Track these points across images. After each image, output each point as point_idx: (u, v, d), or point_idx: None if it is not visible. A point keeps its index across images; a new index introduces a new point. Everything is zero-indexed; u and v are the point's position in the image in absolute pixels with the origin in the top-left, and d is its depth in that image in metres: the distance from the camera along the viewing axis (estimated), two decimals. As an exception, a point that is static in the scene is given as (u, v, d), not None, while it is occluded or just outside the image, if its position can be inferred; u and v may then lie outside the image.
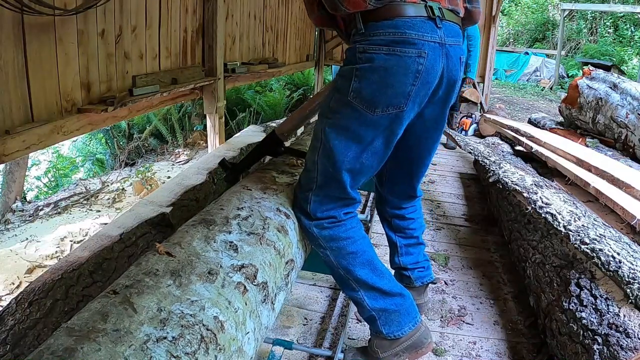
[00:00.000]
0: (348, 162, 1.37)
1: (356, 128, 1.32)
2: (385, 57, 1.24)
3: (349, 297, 1.56)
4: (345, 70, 1.30)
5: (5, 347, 1.36)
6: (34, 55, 1.91)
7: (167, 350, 0.76)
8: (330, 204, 1.45)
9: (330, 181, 1.40)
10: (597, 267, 1.65)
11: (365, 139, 1.33)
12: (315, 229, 1.45)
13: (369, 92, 1.27)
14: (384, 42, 1.25)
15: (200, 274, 0.97)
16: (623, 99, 4.43)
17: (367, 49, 1.26)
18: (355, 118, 1.31)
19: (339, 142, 1.34)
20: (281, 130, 1.66)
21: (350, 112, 1.30)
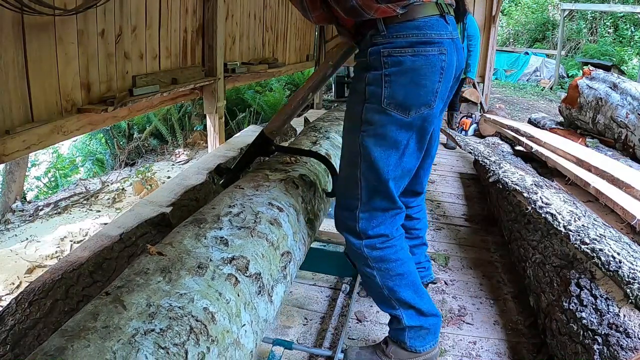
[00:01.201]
0: (392, 170, 1.36)
1: (394, 134, 1.31)
2: (412, 59, 1.25)
3: (384, 311, 1.57)
4: (373, 77, 1.28)
5: (5, 347, 1.36)
6: (34, 55, 1.91)
7: (154, 342, 0.78)
8: (379, 218, 1.43)
9: (377, 194, 1.39)
10: (597, 267, 1.65)
11: (403, 143, 1.33)
12: (366, 249, 1.44)
13: (402, 95, 1.27)
14: (408, 43, 1.25)
15: (189, 268, 0.97)
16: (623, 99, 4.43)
17: (393, 52, 1.25)
18: (391, 124, 1.30)
19: (381, 152, 1.33)
20: (270, 129, 1.65)
21: (385, 119, 1.29)
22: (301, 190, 1.54)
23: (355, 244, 1.46)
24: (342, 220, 1.48)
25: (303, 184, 1.57)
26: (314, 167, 1.72)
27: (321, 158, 1.71)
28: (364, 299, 2.06)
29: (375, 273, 1.47)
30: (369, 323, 1.90)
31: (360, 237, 1.44)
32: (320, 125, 2.37)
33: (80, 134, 2.34)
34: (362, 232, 1.43)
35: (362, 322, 1.90)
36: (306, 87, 1.62)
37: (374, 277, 1.48)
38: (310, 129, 2.29)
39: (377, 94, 1.28)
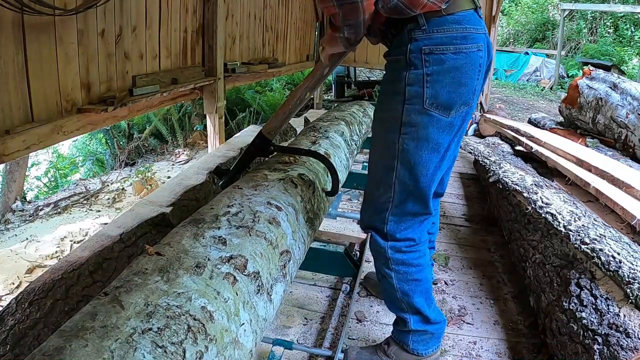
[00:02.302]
0: (431, 174, 1.33)
1: (436, 136, 1.28)
2: (454, 57, 1.21)
3: (391, 311, 1.58)
4: (414, 77, 1.23)
5: (5, 347, 1.36)
6: (34, 55, 1.91)
7: (152, 341, 0.78)
8: (408, 222, 1.42)
9: (410, 198, 1.37)
10: (597, 267, 1.65)
11: (444, 146, 1.31)
12: (390, 251, 1.44)
13: (445, 95, 1.23)
14: (449, 39, 1.21)
15: (187, 267, 0.98)
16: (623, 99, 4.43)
17: (434, 50, 1.21)
18: (432, 125, 1.26)
19: (421, 155, 1.30)
20: (267, 130, 1.65)
21: (428, 120, 1.25)
22: (300, 189, 1.54)
23: (380, 243, 1.44)
24: (369, 220, 1.46)
25: (302, 183, 1.57)
26: (313, 167, 1.72)
27: (320, 157, 1.71)
28: (364, 299, 2.06)
29: (393, 275, 1.46)
30: (369, 323, 1.90)
31: (387, 239, 1.43)
32: (320, 125, 2.37)
33: (80, 134, 2.34)
34: (390, 234, 1.42)
35: (362, 322, 1.90)
36: (303, 87, 1.61)
37: (390, 278, 1.47)
38: (310, 129, 2.29)
39: (419, 94, 1.23)
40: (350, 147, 2.41)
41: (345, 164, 2.17)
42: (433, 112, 1.24)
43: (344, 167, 2.15)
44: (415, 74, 1.23)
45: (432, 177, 1.34)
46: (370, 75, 10.12)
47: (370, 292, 2.10)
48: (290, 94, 1.65)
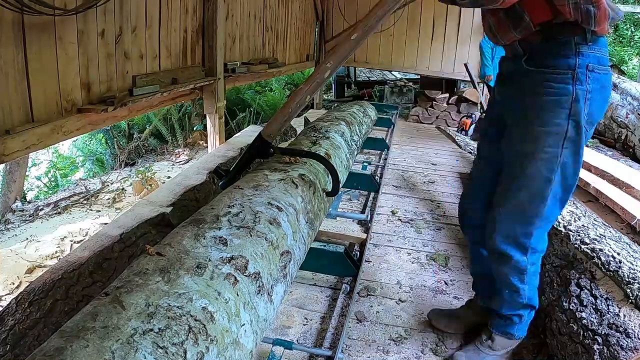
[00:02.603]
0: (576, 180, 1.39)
1: (583, 150, 1.33)
2: (605, 77, 1.28)
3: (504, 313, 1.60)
4: (581, 93, 1.26)
5: (5, 347, 1.36)
6: (34, 55, 1.91)
7: (153, 342, 0.78)
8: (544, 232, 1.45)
9: (555, 209, 1.40)
10: (597, 267, 1.65)
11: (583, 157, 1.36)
12: (530, 267, 1.46)
13: (596, 113, 1.30)
14: (602, 60, 1.27)
15: (188, 268, 0.97)
16: (623, 99, 4.43)
17: (595, 68, 1.25)
18: (584, 140, 1.32)
19: (576, 169, 1.35)
20: (267, 132, 1.64)
21: (583, 136, 1.30)
22: (301, 189, 1.54)
23: (519, 260, 1.45)
24: (512, 235, 1.43)
25: (302, 184, 1.57)
26: (313, 167, 1.72)
27: (320, 159, 1.71)
28: (364, 299, 2.06)
29: (526, 287, 1.50)
30: (369, 323, 1.90)
31: (526, 253, 1.44)
32: (320, 125, 2.37)
33: (80, 134, 2.34)
34: (532, 248, 1.44)
35: (362, 322, 1.90)
36: (304, 90, 1.61)
37: (522, 290, 1.50)
38: (310, 129, 2.29)
39: (581, 110, 1.27)
40: (351, 148, 2.41)
41: (345, 164, 2.17)
42: (587, 127, 1.30)
43: (344, 167, 2.15)
44: (581, 90, 1.26)
45: (574, 186, 1.40)
46: (370, 76, 10.11)
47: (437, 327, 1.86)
48: (290, 96, 1.65)
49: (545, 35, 1.27)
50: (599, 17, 1.19)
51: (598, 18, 1.19)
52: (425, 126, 6.29)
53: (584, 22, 1.20)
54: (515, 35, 1.32)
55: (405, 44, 6.53)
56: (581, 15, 1.19)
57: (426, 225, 2.88)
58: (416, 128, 6.14)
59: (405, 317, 1.95)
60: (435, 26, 6.38)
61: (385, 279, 2.24)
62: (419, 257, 2.47)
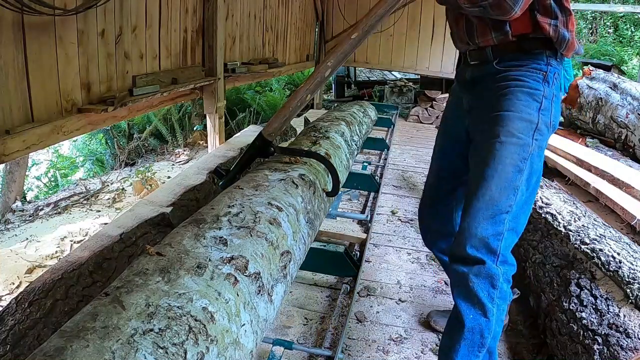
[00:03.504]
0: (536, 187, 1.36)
1: (543, 152, 1.36)
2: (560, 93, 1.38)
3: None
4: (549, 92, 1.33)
5: (5, 347, 1.36)
6: (34, 55, 1.91)
7: (153, 342, 0.78)
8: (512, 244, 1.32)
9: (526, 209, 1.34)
10: (597, 267, 1.65)
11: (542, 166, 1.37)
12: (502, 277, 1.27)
13: (555, 119, 1.35)
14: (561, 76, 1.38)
15: (188, 268, 0.97)
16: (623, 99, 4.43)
17: (557, 80, 1.34)
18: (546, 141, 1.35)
19: (539, 164, 1.34)
20: (268, 131, 1.64)
21: (547, 134, 1.34)
22: (301, 189, 1.54)
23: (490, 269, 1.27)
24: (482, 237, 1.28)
25: (303, 184, 1.57)
26: (313, 167, 1.72)
27: (320, 158, 1.71)
28: (364, 299, 2.06)
29: (495, 312, 1.28)
30: (369, 323, 1.90)
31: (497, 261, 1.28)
32: (321, 125, 2.37)
33: (80, 134, 2.34)
34: (503, 255, 1.28)
35: (362, 322, 1.90)
36: (304, 89, 1.61)
37: (490, 315, 1.28)
38: (310, 129, 2.29)
39: (549, 109, 1.33)
40: (351, 148, 2.41)
41: (345, 164, 2.17)
42: (550, 130, 1.35)
43: (344, 167, 2.15)
44: (549, 91, 1.33)
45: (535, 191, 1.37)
46: (370, 76, 10.11)
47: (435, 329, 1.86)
48: (291, 95, 1.66)
49: (521, 45, 1.33)
50: (570, 43, 1.31)
51: (569, 44, 1.31)
52: (425, 126, 6.29)
53: (557, 44, 1.30)
54: (492, 39, 1.35)
55: (405, 44, 6.53)
56: (557, 36, 1.29)
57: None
58: (416, 128, 6.14)
59: (405, 317, 1.95)
60: (435, 26, 6.38)
61: (385, 279, 2.24)
62: (419, 257, 2.47)
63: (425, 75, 6.78)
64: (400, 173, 3.98)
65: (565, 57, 1.37)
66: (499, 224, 1.28)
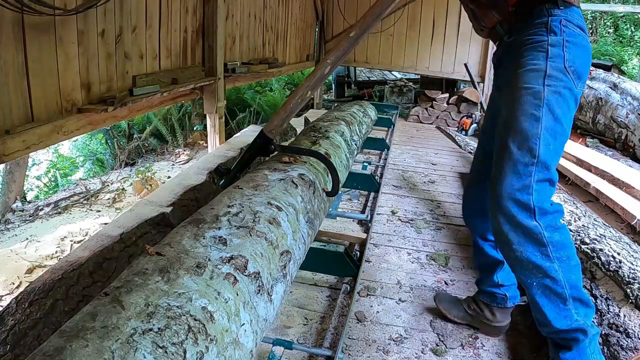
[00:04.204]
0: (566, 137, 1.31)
1: (570, 99, 1.30)
2: (582, 37, 1.32)
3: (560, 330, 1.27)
4: (555, 40, 1.30)
5: (5, 347, 1.36)
6: (34, 55, 1.91)
7: (152, 342, 0.78)
8: (549, 191, 1.25)
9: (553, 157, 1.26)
10: (597, 267, 1.65)
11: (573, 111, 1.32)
12: (546, 232, 1.21)
13: (579, 64, 1.30)
14: (578, 24, 1.33)
15: (188, 268, 0.98)
16: (623, 99, 4.43)
17: (569, 25, 1.31)
18: (569, 87, 1.29)
19: (562, 110, 1.28)
20: (269, 129, 1.65)
21: (567, 80, 1.29)
22: (300, 189, 1.54)
23: (528, 224, 1.20)
24: (509, 193, 1.22)
25: (302, 183, 1.57)
26: (313, 167, 1.73)
27: (321, 157, 1.71)
28: (364, 299, 2.06)
29: (558, 266, 1.21)
30: (369, 323, 1.90)
31: (535, 215, 1.20)
32: (320, 125, 2.37)
33: (80, 134, 2.34)
34: (539, 208, 1.21)
35: (362, 322, 1.90)
36: (304, 86, 1.62)
37: (554, 272, 1.21)
38: (310, 129, 2.29)
39: (560, 55, 1.29)
40: (351, 147, 2.41)
41: (345, 164, 2.17)
42: (570, 75, 1.29)
43: (344, 167, 2.15)
44: (556, 38, 1.30)
45: (564, 143, 1.31)
46: (370, 75, 10.11)
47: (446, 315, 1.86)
48: (292, 93, 1.66)
49: (520, 12, 1.36)
50: None
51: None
52: (425, 126, 6.29)
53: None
54: (494, 15, 1.42)
55: (405, 44, 6.53)
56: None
57: (426, 225, 2.88)
58: (416, 128, 6.14)
59: (405, 317, 1.95)
60: (435, 26, 6.38)
61: (385, 279, 2.24)
62: (419, 257, 2.47)
63: (425, 75, 6.78)
64: (400, 173, 3.98)
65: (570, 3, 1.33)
66: (526, 177, 1.23)
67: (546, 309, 1.27)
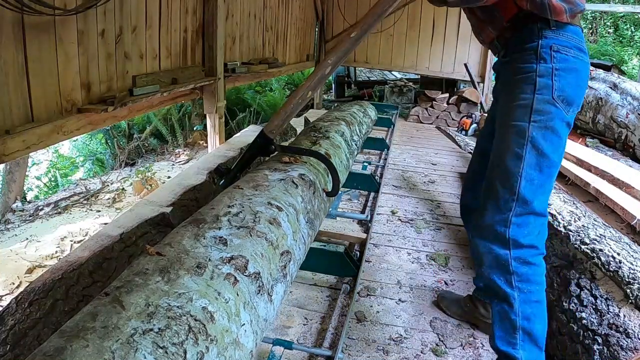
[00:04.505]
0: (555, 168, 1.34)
1: (560, 129, 1.32)
2: (574, 60, 1.30)
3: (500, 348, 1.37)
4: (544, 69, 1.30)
5: (5, 347, 1.36)
6: (34, 55, 1.91)
7: (153, 342, 0.78)
8: (530, 225, 1.34)
9: (536, 193, 1.32)
10: (597, 267, 1.65)
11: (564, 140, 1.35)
12: (514, 262, 1.32)
13: (570, 91, 1.30)
14: (571, 44, 1.30)
15: (188, 268, 0.98)
16: (623, 99, 4.43)
17: (560, 49, 1.29)
18: (558, 117, 1.31)
19: (550, 146, 1.31)
20: (269, 129, 1.65)
21: (555, 111, 1.30)
22: (301, 189, 1.54)
23: (500, 254, 1.33)
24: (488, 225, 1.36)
25: (303, 184, 1.57)
26: (313, 167, 1.72)
27: (321, 157, 1.71)
28: (364, 299, 2.06)
29: (517, 295, 1.33)
30: (369, 323, 1.90)
31: (508, 246, 1.33)
32: (321, 125, 2.37)
33: (80, 134, 2.34)
34: (513, 240, 1.32)
35: (362, 322, 1.90)
36: (305, 86, 1.62)
37: (512, 299, 1.33)
38: (310, 129, 2.29)
39: (548, 85, 1.29)
40: (351, 148, 2.41)
41: (345, 164, 2.17)
42: (559, 104, 1.30)
43: (344, 167, 2.15)
44: (545, 67, 1.30)
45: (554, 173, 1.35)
46: (370, 75, 10.11)
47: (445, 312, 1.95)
48: (292, 93, 1.66)
49: (514, 28, 1.35)
50: (552, 7, 1.26)
51: (552, 8, 1.27)
52: (425, 126, 6.29)
53: (541, 13, 1.28)
54: (491, 31, 1.43)
55: (405, 44, 6.53)
56: (535, 6, 1.28)
57: (426, 225, 2.88)
58: (416, 128, 6.14)
59: (405, 317, 1.95)
60: (435, 26, 6.38)
61: (385, 279, 2.24)
62: (419, 257, 2.47)
63: (425, 75, 6.78)
64: (400, 173, 3.98)
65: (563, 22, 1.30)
66: (505, 211, 1.33)
67: (496, 327, 1.40)
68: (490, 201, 1.38)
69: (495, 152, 1.41)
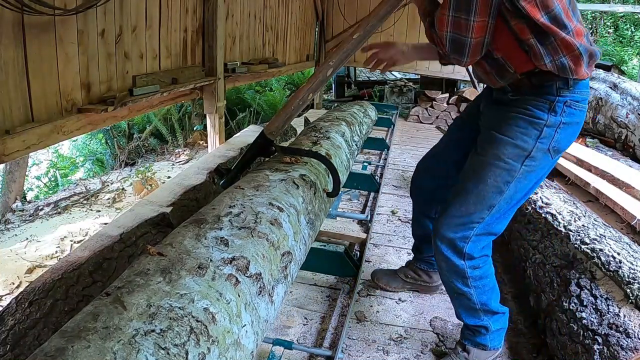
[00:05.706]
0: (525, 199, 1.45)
1: (542, 173, 1.42)
2: (579, 113, 1.37)
3: (468, 323, 1.60)
4: (553, 121, 1.34)
5: (5, 347, 1.36)
6: (34, 55, 1.91)
7: (155, 343, 0.78)
8: (485, 241, 1.48)
9: (500, 219, 1.46)
10: (597, 267, 1.65)
11: (542, 179, 1.45)
12: (470, 270, 1.48)
13: (564, 143, 1.38)
14: (581, 98, 1.35)
15: (190, 269, 0.97)
16: (623, 99, 4.44)
17: (572, 104, 1.34)
18: (546, 164, 1.40)
19: (529, 187, 1.42)
20: (269, 130, 1.64)
21: (546, 160, 1.38)
22: (302, 190, 1.54)
23: (457, 263, 1.48)
24: (450, 237, 1.47)
25: (303, 184, 1.57)
26: (314, 167, 1.72)
27: (321, 158, 1.71)
28: (364, 299, 2.06)
29: (472, 291, 1.51)
30: (369, 323, 1.90)
31: (464, 258, 1.47)
32: (321, 125, 2.37)
33: (80, 134, 2.34)
34: (469, 254, 1.47)
35: (362, 322, 1.90)
36: (306, 88, 1.62)
37: (470, 295, 1.52)
38: (310, 129, 2.29)
39: (551, 136, 1.35)
40: (351, 148, 2.41)
41: (346, 164, 2.17)
42: (551, 153, 1.38)
43: (345, 167, 2.15)
44: (554, 119, 1.34)
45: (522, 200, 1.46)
46: (370, 76, 10.11)
47: (386, 288, 2.09)
48: (293, 94, 1.66)
49: (531, 80, 1.35)
50: (573, 68, 1.29)
51: (573, 69, 1.29)
52: (425, 126, 6.29)
53: (561, 73, 1.30)
54: (502, 83, 1.42)
55: (405, 44, 6.52)
56: (557, 68, 1.29)
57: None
58: (416, 128, 6.14)
59: (405, 317, 1.95)
60: (435, 26, 6.37)
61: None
62: (419, 257, 2.46)
63: (425, 75, 6.77)
64: (400, 173, 3.98)
65: (580, 79, 1.33)
66: (467, 230, 1.45)
67: (461, 311, 1.60)
68: (457, 214, 1.45)
69: (474, 176, 1.44)
